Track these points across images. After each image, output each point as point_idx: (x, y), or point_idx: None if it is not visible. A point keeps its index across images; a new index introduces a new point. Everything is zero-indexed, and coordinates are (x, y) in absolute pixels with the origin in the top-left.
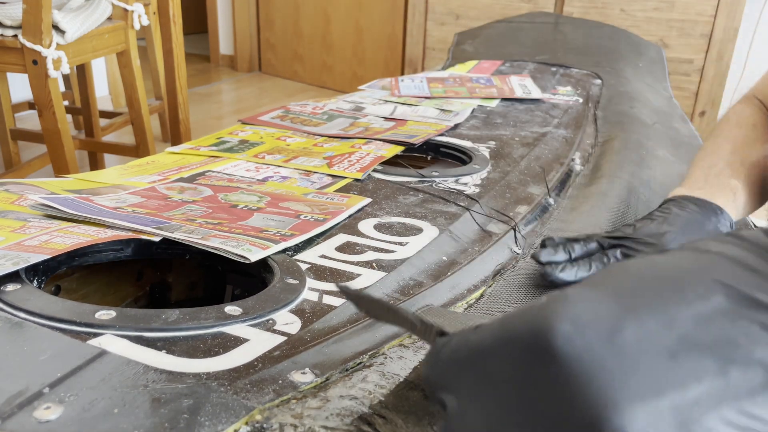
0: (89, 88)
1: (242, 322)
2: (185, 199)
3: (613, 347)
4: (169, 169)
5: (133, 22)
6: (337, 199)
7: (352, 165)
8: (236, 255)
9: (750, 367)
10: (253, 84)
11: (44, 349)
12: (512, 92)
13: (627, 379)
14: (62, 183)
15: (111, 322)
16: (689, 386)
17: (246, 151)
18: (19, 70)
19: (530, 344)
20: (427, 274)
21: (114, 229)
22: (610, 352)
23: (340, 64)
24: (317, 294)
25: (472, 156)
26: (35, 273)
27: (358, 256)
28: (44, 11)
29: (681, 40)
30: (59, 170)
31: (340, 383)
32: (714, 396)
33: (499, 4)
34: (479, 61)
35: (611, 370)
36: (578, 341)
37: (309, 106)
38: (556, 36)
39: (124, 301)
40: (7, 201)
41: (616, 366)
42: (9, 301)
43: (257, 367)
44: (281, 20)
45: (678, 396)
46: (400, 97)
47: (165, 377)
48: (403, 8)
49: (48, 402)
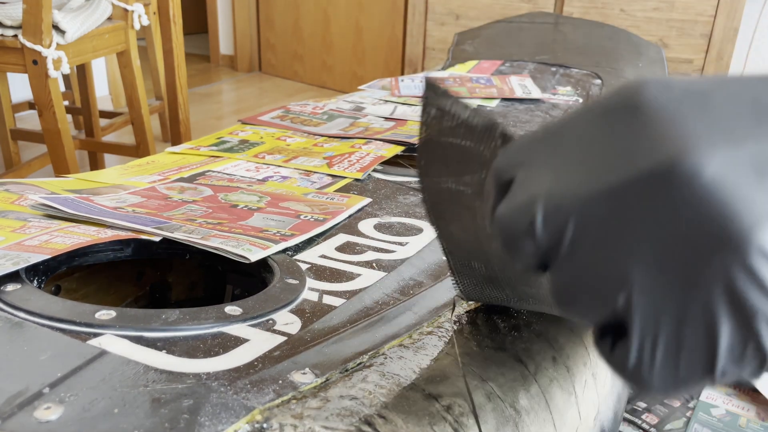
0: (89, 88)
1: (242, 322)
2: (185, 199)
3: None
4: (169, 169)
5: (133, 22)
6: (337, 199)
7: (352, 165)
8: (236, 255)
9: None
10: (253, 84)
11: (44, 349)
12: (512, 92)
13: (707, 127)
14: (62, 183)
15: (111, 322)
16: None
17: (246, 151)
18: (19, 70)
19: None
20: (427, 274)
21: (114, 229)
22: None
23: (340, 64)
24: (317, 294)
25: None
26: (35, 273)
27: (358, 256)
28: (44, 11)
29: (681, 40)
30: (59, 170)
31: (340, 383)
32: None
33: (499, 4)
34: (479, 61)
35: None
36: (663, 95)
37: (309, 106)
38: (556, 36)
39: (124, 301)
40: (7, 201)
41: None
42: (9, 301)
43: (257, 367)
44: (281, 20)
45: (757, 147)
46: (400, 97)
47: (165, 377)
48: (403, 8)
49: (48, 402)
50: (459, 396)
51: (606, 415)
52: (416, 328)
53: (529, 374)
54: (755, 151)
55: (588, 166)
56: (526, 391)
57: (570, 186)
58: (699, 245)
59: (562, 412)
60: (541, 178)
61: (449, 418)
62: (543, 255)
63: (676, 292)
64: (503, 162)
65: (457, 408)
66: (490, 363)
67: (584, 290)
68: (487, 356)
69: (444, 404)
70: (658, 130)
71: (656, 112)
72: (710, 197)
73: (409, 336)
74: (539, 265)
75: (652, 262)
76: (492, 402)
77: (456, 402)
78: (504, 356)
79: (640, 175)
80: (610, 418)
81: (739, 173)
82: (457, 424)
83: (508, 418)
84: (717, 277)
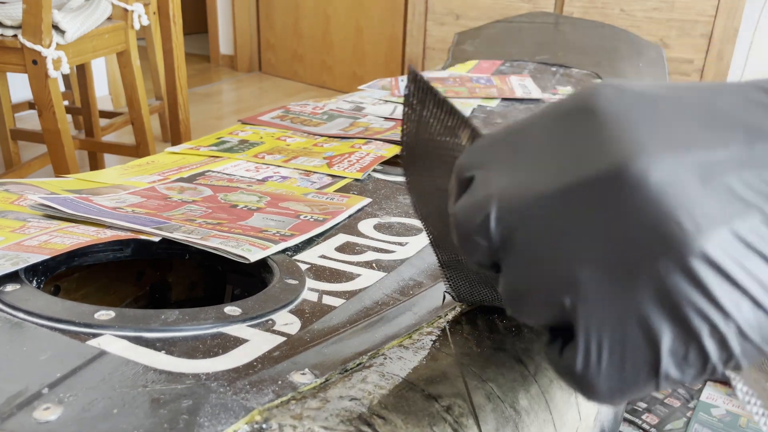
0: (89, 88)
1: (242, 322)
2: (185, 199)
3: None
4: (169, 169)
5: (133, 22)
6: (337, 199)
7: (352, 165)
8: (236, 255)
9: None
10: (253, 84)
11: (43, 350)
12: (512, 92)
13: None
14: (62, 183)
15: (110, 322)
16: (716, 148)
17: (246, 151)
18: (19, 70)
19: (569, 106)
20: (427, 274)
21: (114, 229)
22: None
23: (340, 64)
24: (317, 294)
25: None
26: (35, 273)
27: (357, 256)
28: (44, 11)
29: (681, 40)
30: (59, 170)
31: (339, 384)
32: (737, 160)
33: (499, 4)
34: (479, 61)
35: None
36: (617, 100)
37: (309, 106)
38: (556, 36)
39: (124, 301)
40: (7, 201)
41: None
42: (8, 301)
43: (257, 368)
44: (281, 20)
45: (704, 153)
46: (400, 97)
47: (164, 378)
48: (403, 8)
49: (47, 402)
50: (459, 396)
51: (606, 416)
52: (416, 328)
53: (529, 374)
54: (701, 158)
55: (541, 168)
56: (526, 392)
57: (523, 186)
58: (642, 249)
59: (562, 413)
60: (498, 178)
61: (449, 418)
62: (495, 254)
63: (620, 296)
64: (465, 160)
65: (457, 408)
66: (490, 363)
67: (532, 291)
68: (486, 356)
69: (444, 405)
70: (608, 134)
71: (608, 117)
72: (654, 202)
73: (409, 336)
74: (492, 263)
75: (598, 265)
76: (492, 402)
77: (456, 402)
78: (504, 356)
79: (588, 178)
80: (610, 418)
81: (684, 179)
82: (456, 425)
83: (508, 419)
84: (658, 282)
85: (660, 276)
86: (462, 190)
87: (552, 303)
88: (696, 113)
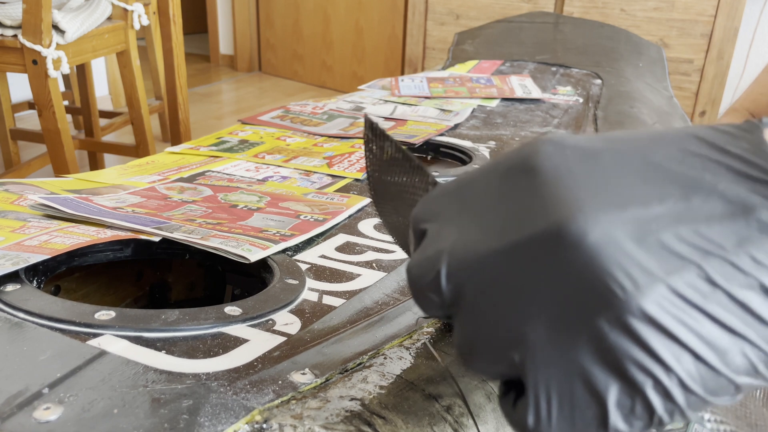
0: (89, 88)
1: (242, 322)
2: (185, 199)
3: (588, 164)
4: (168, 169)
5: (133, 22)
6: (337, 199)
7: (352, 165)
8: (236, 255)
9: (711, 197)
10: (253, 84)
11: (44, 350)
12: (512, 92)
13: (595, 190)
14: (62, 183)
15: (111, 322)
16: (652, 204)
17: (246, 151)
18: (19, 70)
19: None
20: None
21: (114, 229)
22: (586, 167)
23: (340, 64)
24: (317, 294)
25: (472, 156)
26: (35, 273)
27: (358, 256)
28: (44, 11)
29: (681, 40)
30: (59, 170)
31: (339, 384)
32: (674, 216)
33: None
34: (479, 61)
35: (582, 181)
36: (556, 157)
37: (309, 106)
38: (556, 36)
39: (124, 301)
40: (7, 201)
41: (587, 179)
42: (8, 301)
43: (257, 368)
44: (281, 20)
45: (641, 210)
46: (400, 97)
47: (165, 377)
48: (403, 8)
49: (47, 402)
50: (459, 396)
51: None
52: (416, 328)
53: None
54: (639, 215)
55: (487, 226)
56: None
57: (471, 244)
58: (583, 308)
59: None
60: (449, 234)
61: (449, 418)
62: (447, 308)
63: (566, 352)
64: (419, 212)
65: (457, 408)
66: None
67: (482, 347)
68: None
69: (444, 404)
70: (548, 193)
71: (548, 175)
72: (592, 261)
73: (409, 336)
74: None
75: (544, 322)
76: (492, 402)
77: (456, 402)
78: None
79: (529, 237)
80: None
81: (622, 237)
82: (457, 425)
83: None
84: (600, 339)
85: (601, 333)
86: (418, 241)
87: (502, 358)
88: (634, 167)
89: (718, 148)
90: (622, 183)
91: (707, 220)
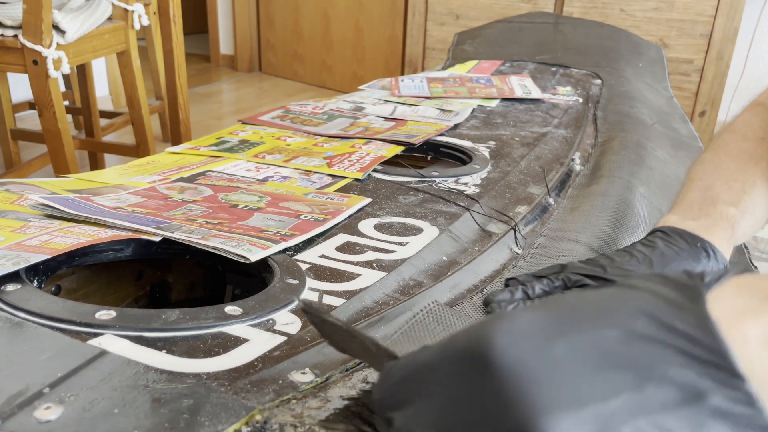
0: (89, 88)
1: (242, 322)
2: (185, 199)
3: (543, 360)
4: (169, 169)
5: (133, 22)
6: (337, 199)
7: (352, 165)
8: (236, 255)
9: (663, 384)
10: (253, 84)
11: (44, 349)
12: (512, 92)
13: (554, 389)
14: (62, 183)
15: (111, 322)
16: (609, 398)
17: (246, 151)
18: (20, 70)
19: (469, 356)
20: (427, 274)
21: (114, 229)
22: (540, 365)
23: (340, 64)
24: (317, 294)
25: (472, 156)
26: (35, 273)
27: (358, 256)
28: (44, 11)
29: (681, 40)
30: (59, 170)
31: (340, 383)
32: (631, 408)
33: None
34: (479, 61)
35: (540, 380)
36: (512, 353)
37: (309, 106)
38: (556, 36)
39: (124, 301)
40: (8, 201)
41: (545, 377)
42: (9, 301)
43: (257, 367)
44: (281, 20)
45: (599, 407)
46: (400, 97)
47: (165, 377)
48: (403, 8)
49: (48, 402)
50: None
51: None
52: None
53: None
54: (597, 411)
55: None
56: None
57: None
58: None
59: None
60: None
61: None
62: None
63: None
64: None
65: None
66: None
67: None
68: None
69: None
70: (508, 394)
71: (506, 373)
72: None
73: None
74: None
75: None
76: None
77: None
78: None
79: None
80: None
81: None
82: None
83: None
84: None
85: None
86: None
87: None
88: (586, 356)
89: (664, 325)
90: (577, 376)
91: (662, 409)
